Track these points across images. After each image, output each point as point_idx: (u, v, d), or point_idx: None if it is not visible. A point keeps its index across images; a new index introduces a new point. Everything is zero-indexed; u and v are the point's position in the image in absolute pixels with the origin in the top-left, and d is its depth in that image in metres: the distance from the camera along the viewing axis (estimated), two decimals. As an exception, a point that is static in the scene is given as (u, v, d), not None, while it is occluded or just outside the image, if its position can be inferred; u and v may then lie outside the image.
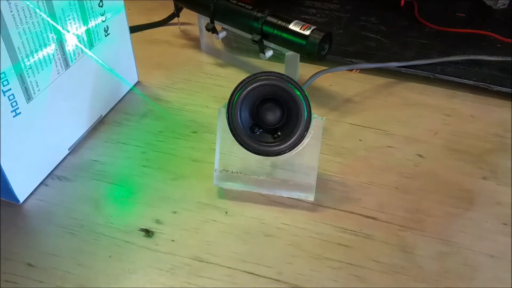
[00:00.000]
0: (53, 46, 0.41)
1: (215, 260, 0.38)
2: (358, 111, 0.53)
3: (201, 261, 0.38)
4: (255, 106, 0.40)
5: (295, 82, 0.39)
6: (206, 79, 0.57)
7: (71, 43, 0.43)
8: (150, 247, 0.39)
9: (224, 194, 0.43)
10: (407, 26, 0.65)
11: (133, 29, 0.59)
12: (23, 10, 0.37)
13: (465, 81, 0.55)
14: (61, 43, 0.42)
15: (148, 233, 0.40)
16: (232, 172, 0.42)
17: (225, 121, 0.40)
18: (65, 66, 0.43)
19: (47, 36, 0.40)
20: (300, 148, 0.40)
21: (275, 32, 0.52)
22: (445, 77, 0.56)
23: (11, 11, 0.36)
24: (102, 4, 0.46)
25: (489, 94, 0.55)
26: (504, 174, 0.45)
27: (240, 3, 0.55)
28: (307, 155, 0.41)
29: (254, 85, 0.39)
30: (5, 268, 0.37)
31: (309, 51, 0.50)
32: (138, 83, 0.56)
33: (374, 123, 0.51)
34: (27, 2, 0.37)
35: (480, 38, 0.62)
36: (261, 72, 0.40)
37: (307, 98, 0.39)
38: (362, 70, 0.58)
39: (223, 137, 0.41)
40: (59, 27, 0.41)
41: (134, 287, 0.36)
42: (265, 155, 0.40)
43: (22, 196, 0.42)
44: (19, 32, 0.37)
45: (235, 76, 0.57)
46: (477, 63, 0.57)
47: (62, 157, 0.46)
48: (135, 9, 0.69)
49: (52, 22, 0.40)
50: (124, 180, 0.44)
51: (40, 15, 0.39)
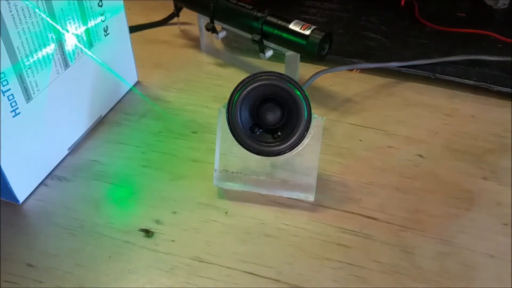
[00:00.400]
0: (52, 46, 0.41)
1: (215, 260, 0.38)
2: (358, 111, 0.53)
3: (201, 261, 0.38)
4: (255, 106, 0.40)
5: (295, 82, 0.39)
6: (206, 79, 0.57)
7: (70, 43, 0.43)
8: (150, 247, 0.39)
9: (224, 194, 0.43)
10: (407, 26, 0.65)
11: (133, 29, 0.59)
12: (23, 10, 0.37)
13: (466, 81, 0.55)
14: (60, 43, 0.42)
15: (148, 233, 0.40)
16: (232, 172, 0.42)
17: (225, 121, 0.40)
18: (65, 66, 0.43)
19: (47, 36, 0.40)
20: (300, 148, 0.40)
21: (275, 32, 0.52)
22: (446, 77, 0.56)
23: (11, 11, 0.36)
24: (102, 4, 0.46)
25: (490, 94, 0.54)
26: (504, 174, 0.45)
27: (240, 3, 0.55)
28: (307, 155, 0.41)
29: (254, 85, 0.39)
30: (5, 268, 0.37)
31: (309, 51, 0.50)
32: (137, 83, 0.56)
33: (374, 123, 0.51)
34: (27, 2, 0.37)
35: (480, 38, 0.62)
36: (261, 72, 0.40)
37: (307, 98, 0.39)
38: (362, 70, 0.58)
39: (223, 137, 0.41)
40: (58, 27, 0.41)
41: (134, 287, 0.36)
42: (265, 155, 0.40)
43: (22, 196, 0.42)
44: (18, 32, 0.37)
45: (235, 76, 0.57)
46: (477, 63, 0.57)
47: (62, 157, 0.46)
48: (135, 9, 0.69)
49: (51, 22, 0.40)
50: (124, 180, 0.44)
51: (40, 15, 0.39)
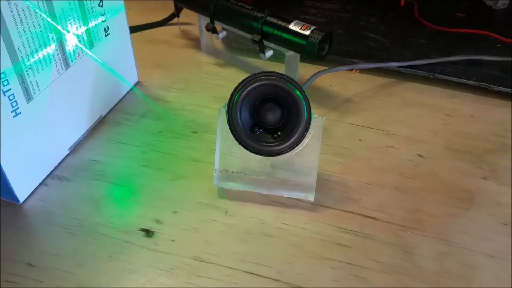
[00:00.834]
0: (53, 46, 0.41)
1: (215, 260, 0.38)
2: (358, 111, 0.53)
3: (201, 261, 0.38)
4: (255, 106, 0.40)
5: (295, 82, 0.39)
6: (206, 79, 0.57)
7: (71, 43, 0.43)
8: (150, 247, 0.39)
9: (224, 194, 0.43)
10: (407, 26, 0.65)
11: (133, 29, 0.59)
12: (23, 10, 0.37)
13: (465, 81, 0.55)
14: (61, 43, 0.42)
15: (148, 233, 0.40)
16: (232, 172, 0.42)
17: (225, 121, 0.40)
18: (65, 66, 0.43)
19: (47, 36, 0.40)
20: (300, 148, 0.40)
21: (275, 32, 0.52)
22: (445, 77, 0.56)
23: (11, 11, 0.36)
24: (102, 4, 0.46)
25: (489, 94, 0.55)
26: (504, 174, 0.45)
27: (240, 3, 0.55)
28: (307, 155, 0.41)
29: (254, 85, 0.39)
30: (5, 268, 0.37)
31: (309, 51, 0.50)
32: (138, 83, 0.56)
33: (374, 123, 0.51)
34: (27, 2, 0.37)
35: (480, 38, 0.62)
36: (261, 72, 0.40)
37: (307, 98, 0.39)
38: (362, 70, 0.58)
39: (223, 137, 0.41)
40: (59, 27, 0.41)
41: (134, 287, 0.36)
42: (265, 155, 0.40)
43: (22, 196, 0.42)
44: (19, 32, 0.37)
45: (235, 76, 0.57)
46: (477, 63, 0.57)
47: (62, 157, 0.46)
48: (135, 9, 0.69)
49: (52, 22, 0.40)
50: (124, 180, 0.44)
51: (40, 15, 0.39)
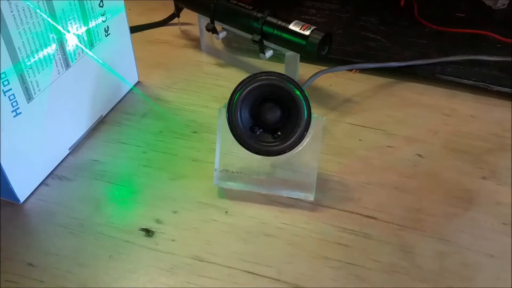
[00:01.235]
0: (53, 46, 0.41)
1: (215, 260, 0.38)
2: (358, 111, 0.53)
3: (201, 261, 0.38)
4: (255, 106, 0.41)
5: (295, 82, 0.39)
6: (206, 79, 0.57)
7: (71, 43, 0.43)
8: (151, 247, 0.39)
9: (224, 194, 0.43)
10: (407, 26, 0.65)
11: (134, 29, 0.59)
12: (24, 10, 0.37)
13: (465, 81, 0.55)
14: (61, 43, 0.42)
15: (148, 232, 0.40)
16: (232, 172, 0.42)
17: (225, 121, 0.40)
18: (66, 66, 0.43)
19: (48, 36, 0.40)
20: (300, 148, 0.40)
21: (275, 32, 0.52)
22: (445, 77, 0.56)
23: (12, 11, 0.36)
24: (103, 4, 0.46)
25: (489, 94, 0.55)
26: (504, 174, 0.45)
27: (240, 3, 0.55)
28: (307, 155, 0.41)
29: (254, 85, 0.39)
30: (6, 267, 0.37)
31: (309, 51, 0.50)
32: (138, 83, 0.57)
33: (374, 123, 0.51)
34: (28, 2, 0.37)
35: (480, 38, 0.62)
36: (261, 72, 0.40)
37: (307, 98, 0.39)
38: (362, 70, 0.58)
39: (223, 137, 0.41)
40: (59, 27, 0.41)
41: (134, 287, 0.36)
42: (265, 155, 0.40)
43: (22, 196, 0.42)
44: (19, 32, 0.37)
45: (235, 76, 0.58)
46: (477, 63, 0.57)
47: (63, 157, 0.46)
48: (136, 9, 0.69)
49: (52, 22, 0.40)
50: (124, 180, 0.44)
51: (41, 15, 0.39)
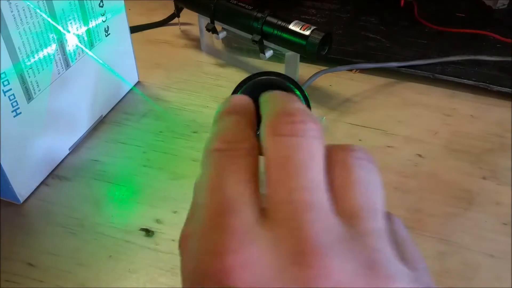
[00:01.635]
0: (53, 46, 0.41)
1: (215, 260, 0.38)
2: (358, 111, 0.53)
3: (201, 261, 0.38)
4: (255, 106, 0.40)
5: (295, 82, 0.39)
6: (206, 79, 0.57)
7: (71, 43, 0.43)
8: (151, 247, 0.39)
9: (224, 194, 0.43)
10: (407, 26, 0.65)
11: (134, 29, 0.59)
12: (24, 10, 0.37)
13: (465, 81, 0.55)
14: (61, 43, 0.42)
15: (148, 232, 0.40)
16: (232, 172, 0.42)
17: (225, 121, 0.40)
18: (66, 66, 0.43)
19: (48, 36, 0.40)
20: (300, 148, 0.40)
21: (275, 32, 0.52)
22: (445, 77, 0.56)
23: (12, 11, 0.36)
24: (103, 4, 0.46)
25: (489, 94, 0.55)
26: (504, 174, 0.45)
27: (240, 3, 0.55)
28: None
29: (254, 85, 0.39)
30: (5, 267, 0.37)
31: (309, 51, 0.50)
32: (138, 83, 0.57)
33: (374, 123, 0.51)
34: (28, 2, 0.37)
35: (480, 38, 0.62)
36: (261, 72, 0.40)
37: (307, 98, 0.39)
38: (362, 70, 0.58)
39: (223, 137, 0.41)
40: (59, 27, 0.41)
41: (134, 287, 0.36)
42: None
43: (22, 196, 0.42)
44: (19, 32, 0.37)
45: (235, 76, 0.58)
46: (477, 63, 0.57)
47: (63, 157, 0.46)
48: (136, 9, 0.69)
49: (52, 22, 0.40)
50: (124, 180, 0.44)
51: (41, 15, 0.39)
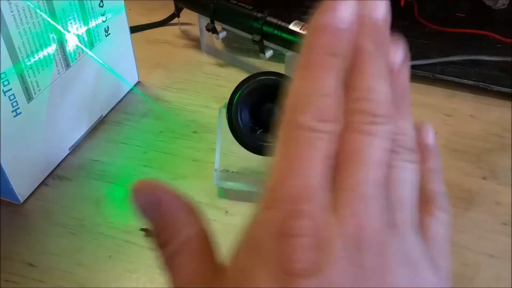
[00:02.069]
0: (53, 46, 0.41)
1: (215, 260, 0.38)
2: (358, 111, 0.53)
3: (201, 261, 0.38)
4: (255, 106, 0.41)
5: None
6: (206, 79, 0.57)
7: (71, 43, 0.43)
8: (151, 247, 0.39)
9: (224, 194, 0.43)
10: (407, 26, 0.65)
11: (134, 29, 0.59)
12: (24, 10, 0.37)
13: (465, 81, 0.55)
14: (61, 43, 0.42)
15: (148, 232, 0.40)
16: (232, 172, 0.42)
17: (225, 121, 0.40)
18: (66, 66, 0.43)
19: (48, 36, 0.40)
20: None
21: (275, 32, 0.52)
22: (445, 77, 0.56)
23: (12, 11, 0.36)
24: (103, 4, 0.46)
25: (489, 94, 0.55)
26: (504, 174, 0.45)
27: (240, 3, 0.55)
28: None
29: (254, 85, 0.39)
30: (6, 267, 0.37)
31: (309, 51, 0.50)
32: (138, 83, 0.57)
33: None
34: (28, 2, 0.37)
35: (480, 38, 0.62)
36: (261, 72, 0.40)
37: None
38: (362, 70, 0.58)
39: (223, 137, 0.41)
40: (59, 27, 0.41)
41: (134, 287, 0.36)
42: (265, 155, 0.40)
43: (22, 196, 0.42)
44: (19, 32, 0.37)
45: (235, 76, 0.57)
46: (477, 63, 0.57)
47: (63, 157, 0.46)
48: (136, 9, 0.69)
49: (52, 22, 0.40)
50: (124, 180, 0.44)
51: (41, 15, 0.39)
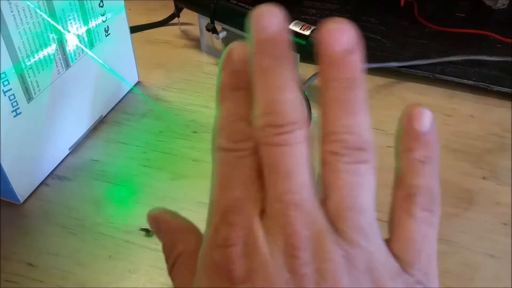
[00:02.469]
0: (53, 46, 0.41)
1: (215, 260, 0.38)
2: (358, 111, 0.53)
3: (201, 261, 0.38)
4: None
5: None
6: (206, 79, 0.57)
7: (71, 43, 0.43)
8: (150, 247, 0.39)
9: (224, 194, 0.43)
10: (407, 26, 0.65)
11: (134, 29, 0.59)
12: (24, 10, 0.37)
13: (465, 81, 0.55)
14: (61, 43, 0.42)
15: (148, 232, 0.40)
16: (232, 172, 0.42)
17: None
18: (66, 66, 0.43)
19: (48, 36, 0.40)
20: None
21: (275, 32, 0.52)
22: (445, 77, 0.56)
23: (12, 11, 0.36)
24: (103, 4, 0.46)
25: (489, 94, 0.55)
26: (504, 174, 0.45)
27: (240, 3, 0.55)
28: (307, 155, 0.41)
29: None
30: (5, 267, 0.37)
31: (309, 51, 0.50)
32: (138, 83, 0.57)
33: (374, 123, 0.51)
34: (28, 2, 0.37)
35: (480, 38, 0.62)
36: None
37: (307, 98, 0.39)
38: (362, 70, 0.58)
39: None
40: (59, 27, 0.41)
41: (134, 287, 0.36)
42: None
43: (22, 196, 0.42)
44: (19, 32, 0.37)
45: (235, 76, 0.57)
46: (477, 63, 0.57)
47: (63, 157, 0.46)
48: (136, 9, 0.69)
49: (52, 22, 0.40)
50: (124, 180, 0.44)
51: (41, 15, 0.39)
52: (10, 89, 0.37)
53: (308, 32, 0.50)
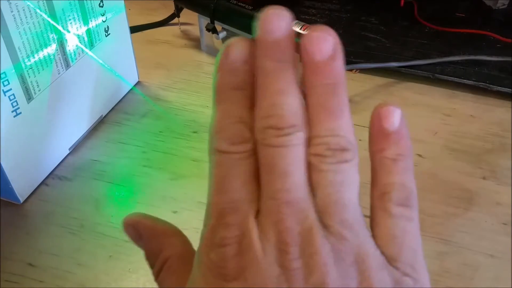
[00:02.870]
0: (53, 46, 0.41)
1: (215, 260, 0.38)
2: (358, 111, 0.53)
3: (201, 261, 0.38)
4: None
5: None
6: (206, 79, 0.57)
7: (71, 43, 0.43)
8: (150, 247, 0.39)
9: (224, 194, 0.43)
10: (407, 26, 0.65)
11: (134, 29, 0.59)
12: (24, 10, 0.37)
13: (465, 81, 0.55)
14: (61, 43, 0.42)
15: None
16: (232, 172, 0.42)
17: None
18: (66, 66, 0.43)
19: (48, 36, 0.40)
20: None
21: (275, 32, 0.52)
22: (445, 77, 0.56)
23: (12, 11, 0.36)
24: (103, 4, 0.46)
25: (489, 94, 0.55)
26: (504, 174, 0.45)
27: (240, 3, 0.55)
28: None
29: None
30: (5, 267, 0.37)
31: (309, 51, 0.50)
32: (138, 83, 0.57)
33: (374, 123, 0.51)
34: (28, 2, 0.37)
35: (480, 38, 0.62)
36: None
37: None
38: (362, 70, 0.58)
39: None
40: (59, 27, 0.41)
41: (134, 287, 0.36)
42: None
43: (22, 196, 0.42)
44: (19, 32, 0.37)
45: (235, 76, 0.57)
46: (477, 63, 0.57)
47: (63, 157, 0.46)
48: (136, 9, 0.69)
49: (52, 22, 0.40)
50: (124, 180, 0.44)
51: (41, 15, 0.39)
52: (10, 89, 0.37)
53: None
